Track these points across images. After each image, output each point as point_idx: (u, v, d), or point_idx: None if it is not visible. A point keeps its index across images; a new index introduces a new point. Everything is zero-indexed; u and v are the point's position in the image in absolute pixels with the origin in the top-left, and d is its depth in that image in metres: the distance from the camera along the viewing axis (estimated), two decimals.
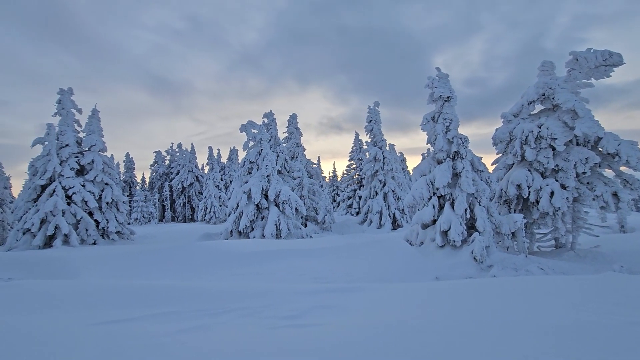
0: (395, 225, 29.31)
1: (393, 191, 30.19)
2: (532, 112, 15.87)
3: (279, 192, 22.70)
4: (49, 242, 20.07)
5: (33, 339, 3.73)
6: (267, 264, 13.05)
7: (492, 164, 17.59)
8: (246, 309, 5.50)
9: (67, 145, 22.06)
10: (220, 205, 43.49)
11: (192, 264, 13.23)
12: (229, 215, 23.84)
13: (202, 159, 74.13)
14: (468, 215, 13.19)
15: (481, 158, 14.45)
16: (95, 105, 24.02)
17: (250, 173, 24.22)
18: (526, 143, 14.86)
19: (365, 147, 32.47)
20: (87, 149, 23.05)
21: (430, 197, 14.26)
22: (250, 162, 24.16)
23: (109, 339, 3.84)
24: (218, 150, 52.70)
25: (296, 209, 23.71)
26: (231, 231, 23.03)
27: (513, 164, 15.96)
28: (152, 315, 4.98)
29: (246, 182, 23.58)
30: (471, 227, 13.71)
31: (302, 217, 27.98)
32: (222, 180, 48.34)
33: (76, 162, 22.24)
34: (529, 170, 14.88)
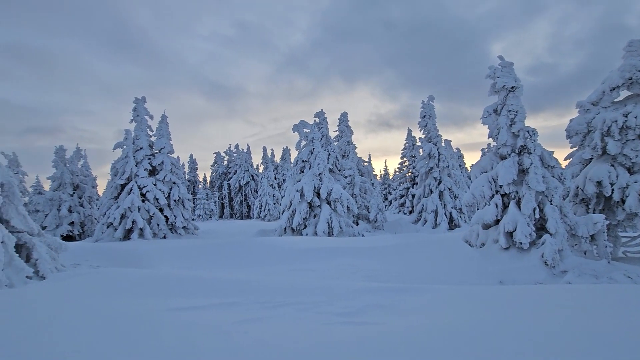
0: (452, 225, 27.85)
1: (449, 189, 28.71)
2: (615, 100, 13.97)
3: (331, 190, 22.89)
4: (127, 235, 22.55)
5: (122, 319, 4.23)
6: (320, 261, 13.23)
7: (565, 159, 15.84)
8: (302, 304, 5.65)
9: (141, 148, 24.55)
10: (274, 203, 45.10)
11: (249, 258, 13.92)
12: (282, 213, 24.64)
13: (257, 159, 77.80)
14: (537, 216, 12.04)
15: (552, 152, 13.09)
16: (164, 111, 26.39)
17: (302, 172, 24.76)
18: (608, 134, 13.14)
19: (418, 143, 31.33)
20: (157, 151, 25.44)
21: (493, 195, 13.28)
22: (303, 161, 24.69)
23: (182, 324, 4.21)
24: (272, 150, 54.70)
25: (348, 207, 23.71)
26: (285, 228, 23.77)
27: (591, 158, 14.21)
28: (217, 305, 5.34)
29: (299, 181, 24.15)
30: (541, 228, 12.50)
31: (353, 216, 27.90)
32: (275, 179, 50.09)
33: (149, 163, 24.66)
34: (612, 165, 13.14)
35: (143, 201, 23.43)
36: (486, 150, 44.10)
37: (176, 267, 12.89)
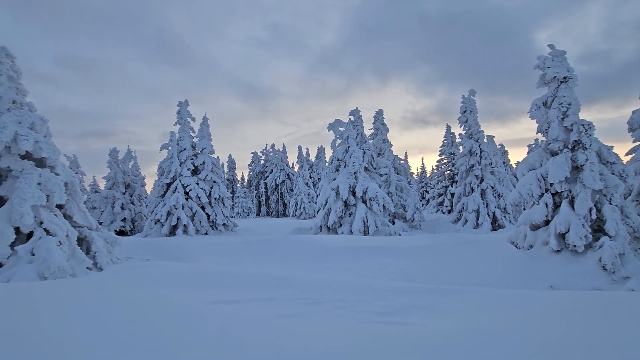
0: (496, 225, 26.43)
1: (492, 187, 27.26)
2: None
3: (366, 188, 22.66)
4: (173, 231, 23.90)
5: (171, 309, 4.50)
6: (356, 260, 13.16)
7: (627, 154, 14.44)
8: (340, 302, 5.65)
9: (184, 149, 25.89)
10: (309, 202, 45.54)
11: (286, 255, 14.19)
12: (317, 212, 24.81)
13: (292, 158, 79.05)
14: (594, 216, 11.08)
15: (612, 147, 11.98)
16: (205, 114, 27.63)
17: (337, 170, 24.76)
18: None
19: (458, 140, 30.08)
20: (199, 151, 26.69)
21: (542, 194, 12.42)
22: (338, 160, 24.67)
23: (224, 317, 4.39)
24: (307, 149, 55.33)
25: (384, 205, 23.34)
26: (320, 226, 23.92)
27: None
28: (257, 300, 5.51)
29: (334, 179, 24.18)
30: (598, 230, 11.50)
31: (389, 215, 27.42)
32: (310, 177, 50.56)
33: (191, 163, 25.95)
34: None
35: (187, 199, 24.70)
36: (533, 146, 41.31)
37: (217, 262, 13.46)
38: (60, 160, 10.56)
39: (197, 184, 25.35)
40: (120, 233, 28.65)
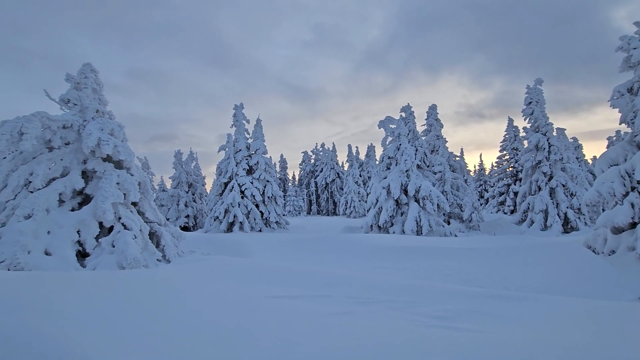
0: (568, 227, 23.84)
1: (564, 185, 24.62)
2: None
3: (419, 187, 21.86)
4: (230, 227, 25.34)
5: (232, 300, 4.77)
6: (409, 260, 12.76)
7: None
8: (394, 302, 5.52)
9: (240, 150, 27.28)
10: (359, 200, 45.22)
11: (337, 253, 14.24)
12: (368, 210, 24.52)
13: (341, 157, 79.03)
14: None
15: None
16: (258, 115, 28.85)
17: (389, 168, 24.23)
18: None
19: (522, 134, 27.63)
20: (253, 152, 27.92)
21: (627, 192, 10.91)
22: (389, 158, 24.14)
23: (280, 311, 4.53)
24: (356, 147, 55.00)
25: (438, 205, 22.33)
26: (371, 225, 23.61)
27: None
28: (311, 297, 5.60)
29: (385, 178, 23.71)
30: None
31: (444, 214, 26.16)
32: (360, 176, 50.17)
33: (246, 163, 27.25)
34: None
35: (242, 198, 26.01)
36: (615, 138, 36.57)
37: (270, 258, 13.96)
38: (134, 162, 11.75)
39: (252, 183, 26.55)
40: (184, 229, 31.06)
